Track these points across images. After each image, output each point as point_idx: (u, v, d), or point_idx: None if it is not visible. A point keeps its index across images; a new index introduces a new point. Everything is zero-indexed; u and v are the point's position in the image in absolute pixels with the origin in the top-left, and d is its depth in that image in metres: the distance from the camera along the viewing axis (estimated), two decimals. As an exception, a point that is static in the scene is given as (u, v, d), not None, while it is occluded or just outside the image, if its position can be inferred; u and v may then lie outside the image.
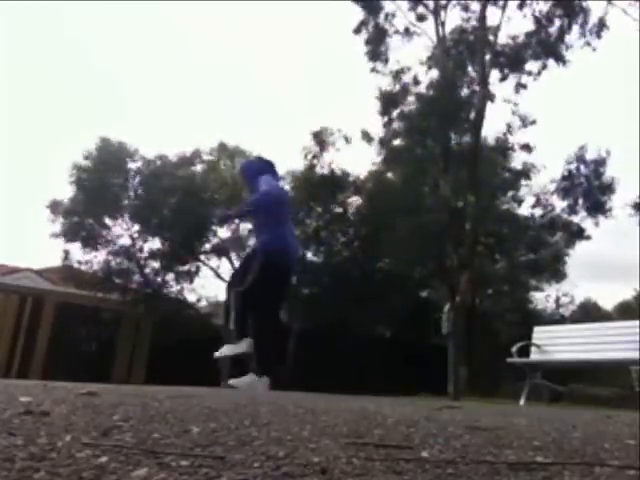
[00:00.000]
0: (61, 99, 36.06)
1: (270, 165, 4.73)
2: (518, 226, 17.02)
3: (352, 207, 16.31)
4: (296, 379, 9.55)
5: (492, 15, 16.53)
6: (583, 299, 25.06)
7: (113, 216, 15.22)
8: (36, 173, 35.78)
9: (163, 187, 14.80)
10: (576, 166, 16.27)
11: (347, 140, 15.62)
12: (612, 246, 43.14)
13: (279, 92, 39.76)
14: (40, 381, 3.86)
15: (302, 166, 15.48)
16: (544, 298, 20.22)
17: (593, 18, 15.68)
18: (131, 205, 15.21)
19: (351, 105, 31.91)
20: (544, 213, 16.84)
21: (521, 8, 16.20)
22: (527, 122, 16.36)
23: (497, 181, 17.28)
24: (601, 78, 32.10)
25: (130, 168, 15.31)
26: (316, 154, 15.50)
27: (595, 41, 15.74)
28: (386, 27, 16.73)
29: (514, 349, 6.39)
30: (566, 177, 16.24)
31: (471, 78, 16.50)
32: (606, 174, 16.07)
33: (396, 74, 16.44)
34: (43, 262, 22.94)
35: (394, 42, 16.81)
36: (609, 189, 16.04)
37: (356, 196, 16.37)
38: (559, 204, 16.66)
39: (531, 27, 16.20)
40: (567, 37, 15.86)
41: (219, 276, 16.02)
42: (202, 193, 15.35)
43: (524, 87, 16.36)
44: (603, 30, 15.63)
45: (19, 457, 0.97)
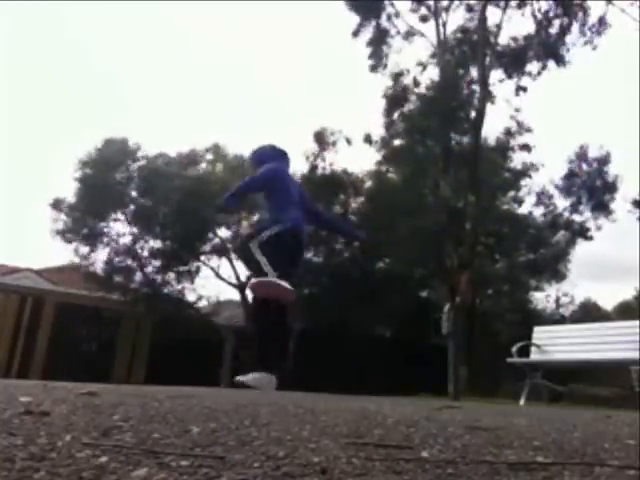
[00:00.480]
0: (61, 99, 36.11)
1: (282, 154, 4.52)
2: (518, 226, 17.04)
3: (353, 207, 16.32)
4: (296, 379, 9.54)
5: (492, 15, 16.60)
6: (583, 299, 25.07)
7: (115, 214, 15.27)
8: (36, 173, 35.86)
9: (164, 186, 14.80)
10: (578, 164, 16.28)
11: (348, 142, 15.66)
12: (612, 246, 43.18)
13: (279, 92, 39.78)
14: (40, 381, 3.85)
15: (303, 167, 15.51)
16: (544, 298, 20.24)
17: (592, 18, 15.72)
18: (133, 203, 15.25)
19: (351, 105, 31.95)
20: (546, 212, 16.86)
21: (520, 7, 16.20)
22: (523, 129, 16.41)
23: (497, 181, 17.29)
24: (601, 78, 32.14)
25: (132, 166, 15.34)
26: (317, 154, 15.51)
27: (596, 39, 15.78)
28: (388, 28, 16.76)
29: (514, 349, 6.38)
30: (568, 175, 16.24)
31: (472, 78, 16.53)
32: (609, 172, 16.10)
33: (396, 76, 16.45)
34: (43, 262, 22.98)
35: (395, 43, 16.87)
36: (612, 187, 16.04)
37: (357, 197, 16.38)
38: (561, 203, 16.69)
39: (531, 28, 16.26)
40: (567, 37, 15.89)
41: (219, 276, 16.02)
42: (203, 193, 15.34)
43: (524, 90, 16.39)
44: (603, 28, 15.65)
45: (19, 457, 0.97)
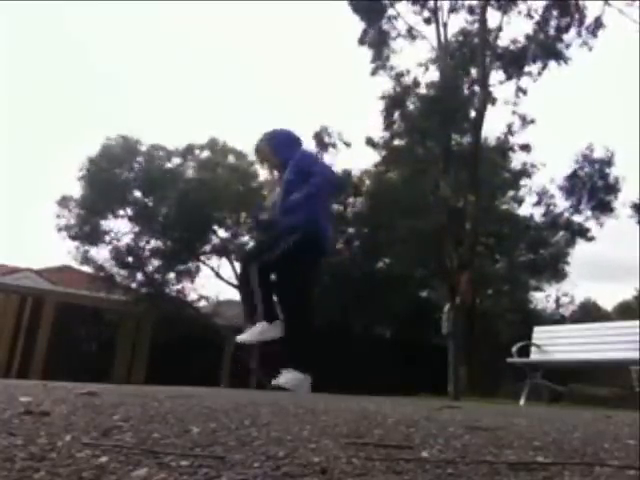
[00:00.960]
0: (61, 99, 36.09)
1: (300, 143, 4.01)
2: (518, 226, 17.03)
3: (353, 207, 16.33)
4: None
5: (492, 17, 16.57)
6: (583, 299, 25.13)
7: (117, 212, 15.30)
8: (36, 173, 35.85)
9: (165, 186, 14.81)
10: (581, 165, 16.25)
11: (347, 145, 15.73)
12: (612, 246, 43.17)
13: (279, 92, 39.76)
14: (40, 381, 3.85)
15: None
16: (544, 298, 20.26)
17: (589, 19, 15.71)
18: (135, 202, 15.28)
19: (352, 105, 31.93)
20: (546, 212, 16.84)
21: (514, 1, 16.15)
22: (527, 121, 16.37)
23: (497, 181, 17.29)
24: (601, 78, 32.12)
25: (134, 164, 15.37)
26: (317, 154, 15.52)
27: (591, 41, 15.79)
28: (388, 30, 16.73)
29: (514, 349, 6.38)
30: (571, 176, 16.21)
31: (472, 79, 16.51)
32: (611, 174, 16.07)
33: (397, 76, 16.44)
34: (43, 262, 22.98)
35: (397, 44, 16.86)
36: (614, 189, 16.01)
37: (357, 197, 16.39)
38: (562, 203, 16.67)
39: (531, 28, 16.24)
40: (565, 36, 15.88)
41: (219, 276, 16.02)
42: (203, 193, 15.35)
43: (524, 92, 16.39)
44: (599, 29, 15.65)
45: (19, 457, 0.97)
